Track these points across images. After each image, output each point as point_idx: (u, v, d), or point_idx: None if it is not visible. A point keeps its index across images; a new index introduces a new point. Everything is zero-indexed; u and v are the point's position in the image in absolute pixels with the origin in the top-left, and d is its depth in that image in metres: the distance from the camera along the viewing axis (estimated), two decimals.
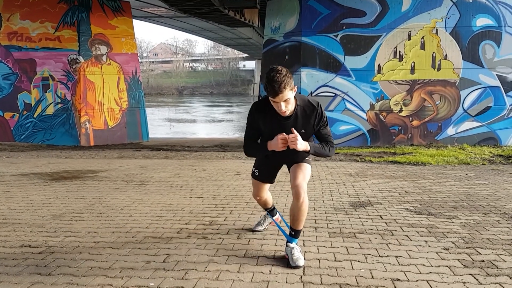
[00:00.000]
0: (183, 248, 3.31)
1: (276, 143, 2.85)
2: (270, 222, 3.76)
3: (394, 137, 11.63)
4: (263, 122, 2.96)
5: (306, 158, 3.14)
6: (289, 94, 2.76)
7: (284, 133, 2.84)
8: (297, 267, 2.88)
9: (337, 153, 9.87)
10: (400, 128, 11.64)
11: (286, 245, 3.07)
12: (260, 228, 3.74)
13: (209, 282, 2.67)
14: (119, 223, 4.02)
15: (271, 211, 3.68)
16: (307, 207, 3.01)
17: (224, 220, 4.13)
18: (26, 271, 2.86)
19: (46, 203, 4.90)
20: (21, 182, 6.25)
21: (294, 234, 3.07)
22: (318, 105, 2.96)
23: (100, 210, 4.55)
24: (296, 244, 3.07)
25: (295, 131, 2.81)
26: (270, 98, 2.78)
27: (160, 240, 3.50)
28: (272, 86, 2.69)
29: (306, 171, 3.07)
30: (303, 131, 2.93)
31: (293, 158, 3.14)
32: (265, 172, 3.33)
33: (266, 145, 2.93)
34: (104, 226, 3.92)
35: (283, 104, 2.77)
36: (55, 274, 2.81)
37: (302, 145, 2.82)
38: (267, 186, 3.43)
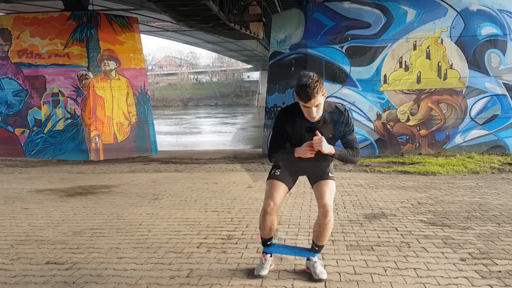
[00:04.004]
0: (204, 263, 3.40)
1: (304, 150, 2.86)
2: (271, 265, 3.25)
3: (402, 147, 11.68)
4: (291, 128, 2.95)
5: (331, 174, 3.15)
6: (321, 99, 2.80)
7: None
8: (320, 280, 2.95)
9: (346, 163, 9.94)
10: (407, 137, 11.69)
11: (308, 259, 3.14)
12: (265, 272, 3.16)
13: None
14: (140, 239, 4.11)
15: (269, 244, 3.21)
16: (332, 224, 3.06)
17: (242, 234, 4.21)
18: None
19: (65, 219, 5.00)
20: (37, 198, 6.36)
21: (317, 249, 3.12)
22: (346, 111, 2.99)
23: (119, 225, 4.65)
24: (318, 258, 3.14)
25: (319, 133, 2.83)
26: (301, 103, 2.82)
27: (182, 255, 3.59)
28: (306, 91, 2.73)
29: (332, 188, 3.10)
30: (330, 135, 2.94)
31: (317, 169, 3.10)
32: (286, 173, 3.16)
33: (293, 152, 2.92)
34: (125, 242, 4.01)
35: (314, 109, 2.81)
36: None
37: (327, 147, 2.83)
38: (284, 190, 3.15)
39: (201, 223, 4.70)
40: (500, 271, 3.07)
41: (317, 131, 2.86)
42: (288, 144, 3.03)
